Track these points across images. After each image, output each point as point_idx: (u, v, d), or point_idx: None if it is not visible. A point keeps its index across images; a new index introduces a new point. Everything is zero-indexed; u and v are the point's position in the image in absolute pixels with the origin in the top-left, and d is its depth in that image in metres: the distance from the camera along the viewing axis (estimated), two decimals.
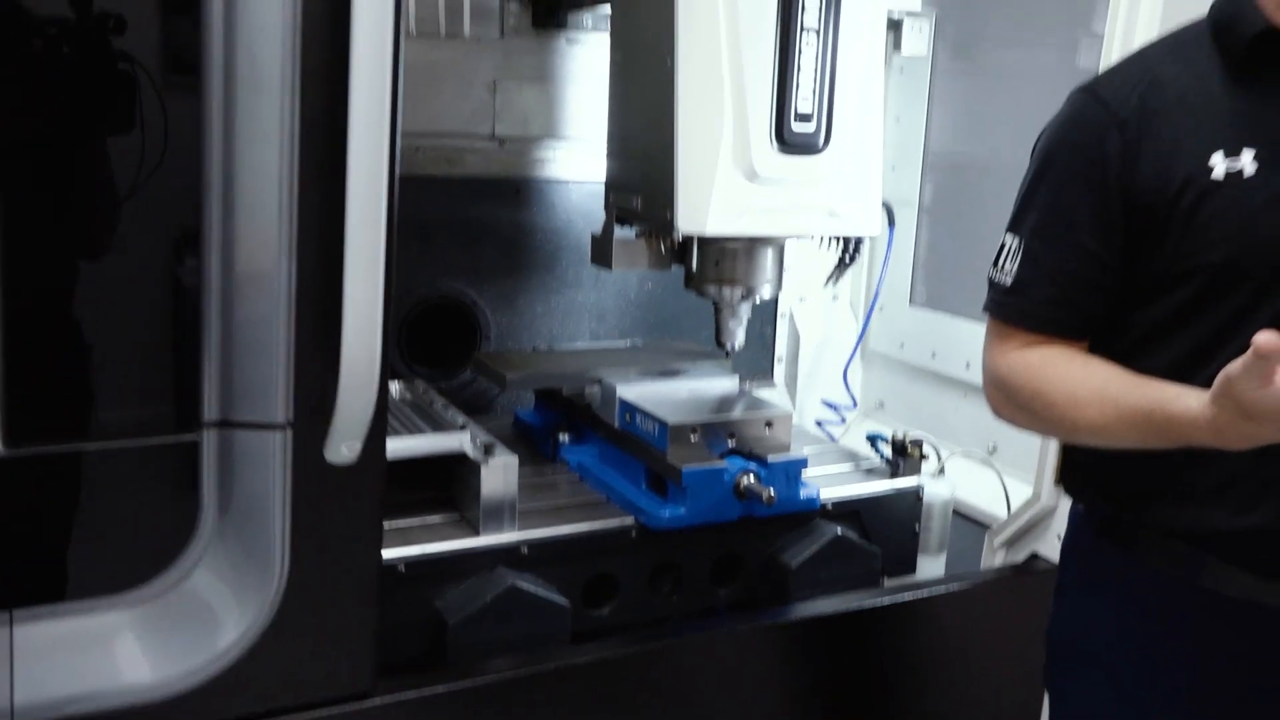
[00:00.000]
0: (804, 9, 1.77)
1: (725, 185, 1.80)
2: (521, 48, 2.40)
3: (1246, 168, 1.24)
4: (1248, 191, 1.24)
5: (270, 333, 1.25)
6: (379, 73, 1.17)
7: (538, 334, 2.58)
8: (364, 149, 1.17)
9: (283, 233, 1.24)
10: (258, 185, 1.24)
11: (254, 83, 1.22)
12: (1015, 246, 1.37)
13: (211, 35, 1.22)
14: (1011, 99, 2.64)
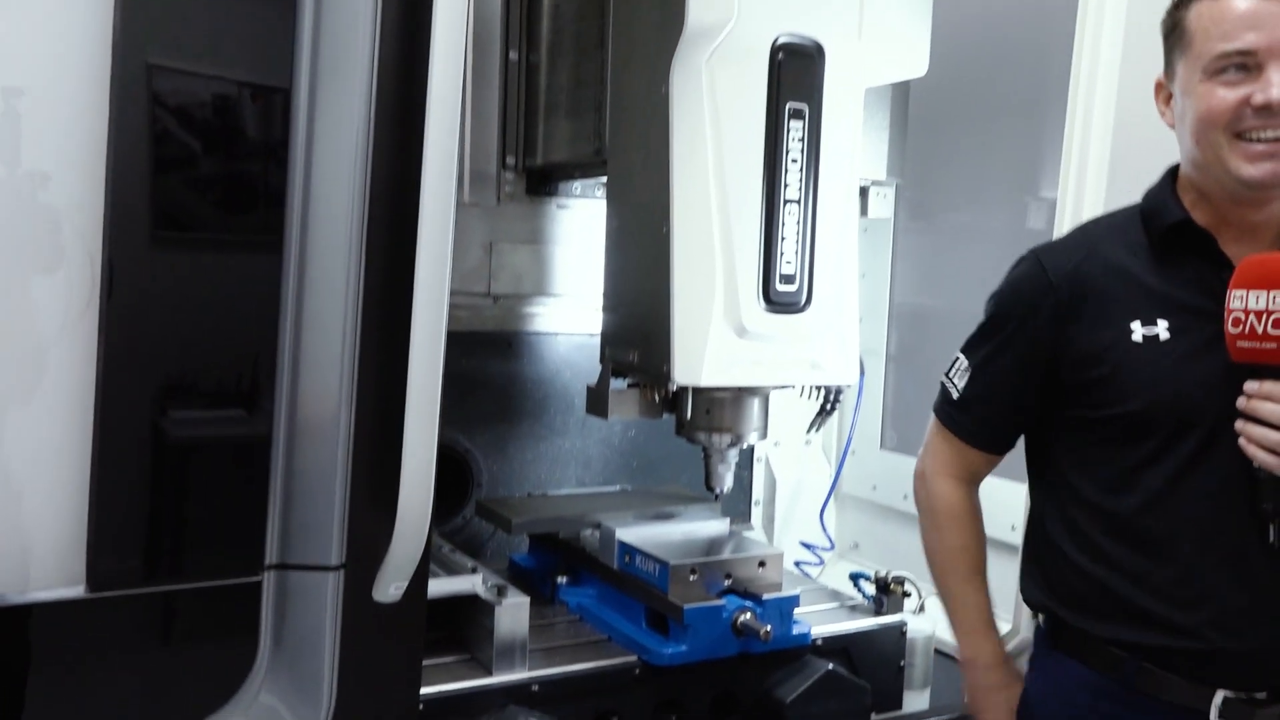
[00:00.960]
0: (786, 183, 1.95)
1: (717, 340, 1.95)
2: (516, 213, 2.57)
3: (1161, 334, 1.43)
4: (1160, 354, 1.43)
5: (329, 480, 1.36)
6: (441, 241, 1.33)
7: (527, 480, 2.67)
8: (426, 314, 1.32)
9: (343, 385, 1.37)
10: (323, 340, 1.38)
11: (326, 247, 1.38)
12: (964, 367, 1.62)
13: (292, 203, 1.38)
14: (967, 256, 2.86)
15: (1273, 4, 1.35)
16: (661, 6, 1.93)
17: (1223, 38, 1.37)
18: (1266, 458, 1.32)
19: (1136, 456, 1.45)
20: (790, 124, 1.95)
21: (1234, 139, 1.37)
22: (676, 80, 1.90)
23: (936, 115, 2.82)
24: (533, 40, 2.47)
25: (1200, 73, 1.39)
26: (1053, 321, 1.50)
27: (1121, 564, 1.46)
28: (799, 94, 1.96)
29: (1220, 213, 1.45)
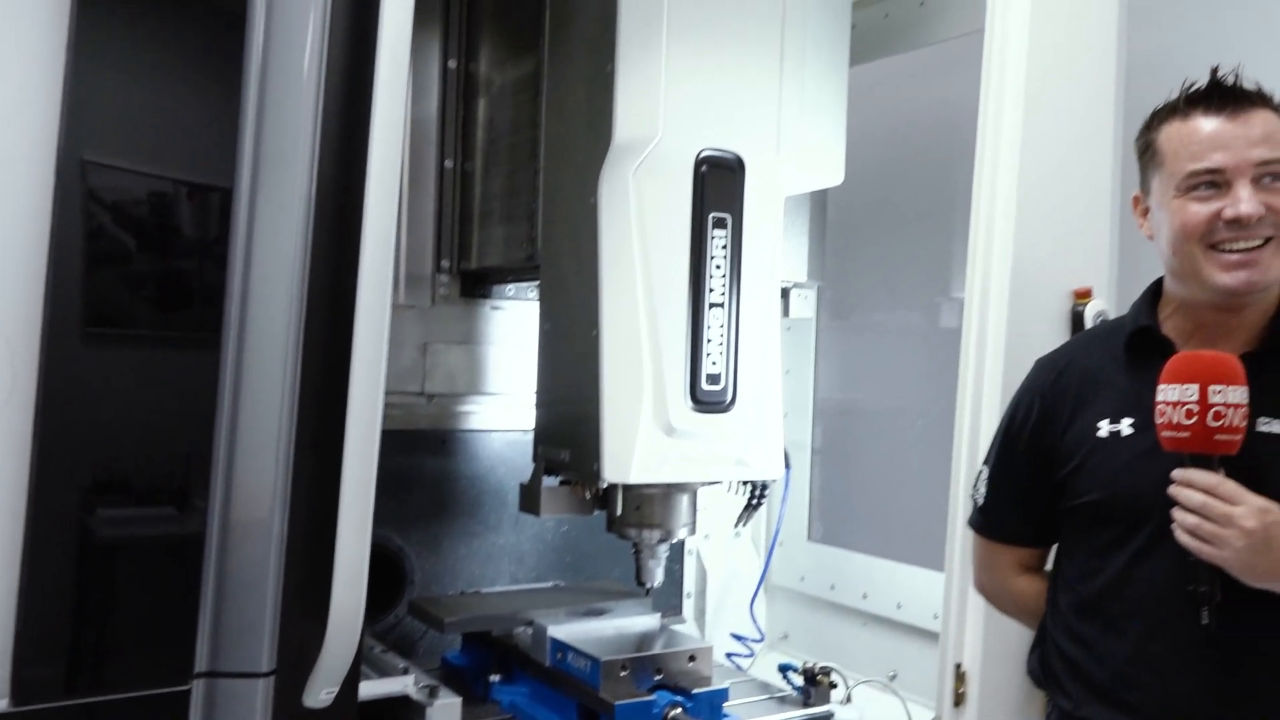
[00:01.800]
0: (710, 287, 2.05)
1: (646, 439, 2.01)
2: (451, 314, 2.64)
3: (1124, 430, 1.54)
4: (1121, 449, 1.53)
5: (261, 582, 1.38)
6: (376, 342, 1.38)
7: (460, 577, 2.68)
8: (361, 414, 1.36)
9: (278, 484, 1.40)
10: (258, 438, 1.41)
11: (263, 345, 1.42)
12: (985, 476, 1.72)
13: (230, 301, 1.43)
14: (885, 353, 2.98)
15: (1235, 126, 1.47)
16: (590, 122, 2.04)
17: (1192, 158, 1.48)
18: (1190, 541, 1.39)
19: (1101, 543, 1.55)
20: (714, 231, 2.06)
21: (1208, 250, 1.47)
22: (605, 191, 2.00)
23: (855, 220, 2.96)
24: (468, 149, 2.56)
25: (1174, 189, 1.50)
26: (1042, 425, 1.63)
27: (1090, 643, 1.55)
28: (721, 203, 2.07)
29: (1197, 318, 1.55)
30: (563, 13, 2.17)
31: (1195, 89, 1.51)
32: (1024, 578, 1.72)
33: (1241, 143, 1.45)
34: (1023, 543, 1.71)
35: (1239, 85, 1.49)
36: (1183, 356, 1.43)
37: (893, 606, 2.66)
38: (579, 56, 2.11)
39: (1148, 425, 1.47)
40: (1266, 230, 1.44)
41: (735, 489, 2.28)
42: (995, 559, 1.74)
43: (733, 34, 2.10)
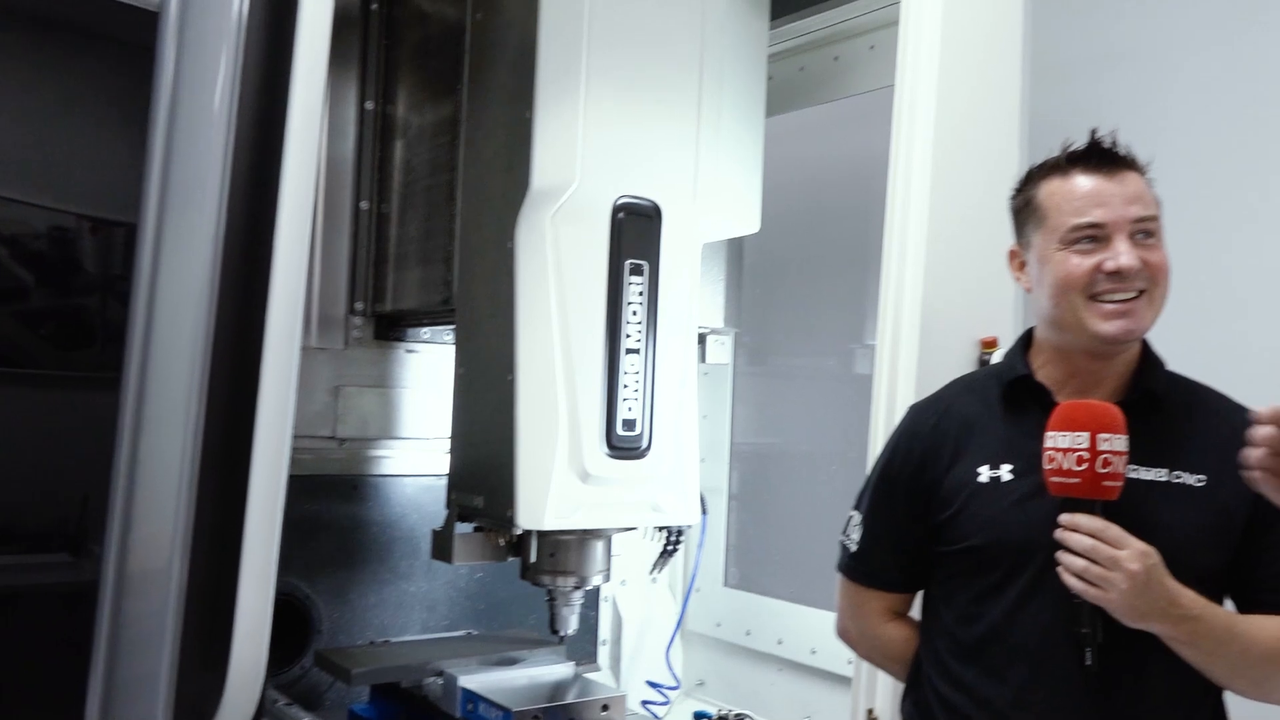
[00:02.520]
0: (627, 334, 2.05)
1: (561, 485, 2.00)
2: (364, 357, 2.60)
3: (1003, 476, 1.57)
4: (1002, 494, 1.57)
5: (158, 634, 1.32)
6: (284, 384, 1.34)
7: (370, 626, 2.62)
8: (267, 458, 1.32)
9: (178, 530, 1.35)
10: (158, 482, 1.36)
11: (167, 386, 1.37)
12: (857, 521, 1.73)
13: (133, 340, 1.38)
14: (801, 398, 3.02)
15: (1113, 185, 1.54)
16: (508, 167, 2.04)
17: (1074, 213, 1.54)
18: (1076, 583, 1.44)
19: (981, 588, 1.57)
20: (630, 278, 2.07)
21: (1089, 301, 1.53)
22: (522, 236, 2.00)
23: (772, 268, 3.00)
24: (384, 191, 2.54)
25: (1056, 243, 1.56)
26: (920, 469, 1.65)
27: (971, 688, 1.57)
28: (638, 250, 2.08)
29: (1071, 366, 1.61)
30: (482, 58, 2.18)
31: (1075, 149, 1.59)
32: (892, 624, 1.74)
33: (1119, 200, 1.53)
34: (895, 588, 1.73)
35: (1115, 147, 1.58)
36: (1071, 405, 1.47)
37: (807, 652, 2.67)
38: (497, 102, 2.11)
39: (1027, 471, 1.52)
40: (1140, 283, 1.52)
41: (651, 535, 2.27)
42: (865, 605, 1.75)
43: (650, 83, 2.12)
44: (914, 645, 1.72)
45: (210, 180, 1.50)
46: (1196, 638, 1.45)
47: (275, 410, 1.35)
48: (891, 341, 2.13)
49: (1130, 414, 1.47)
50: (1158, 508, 1.51)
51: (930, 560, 1.66)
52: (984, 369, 1.81)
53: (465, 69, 2.23)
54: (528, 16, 2.00)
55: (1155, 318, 1.56)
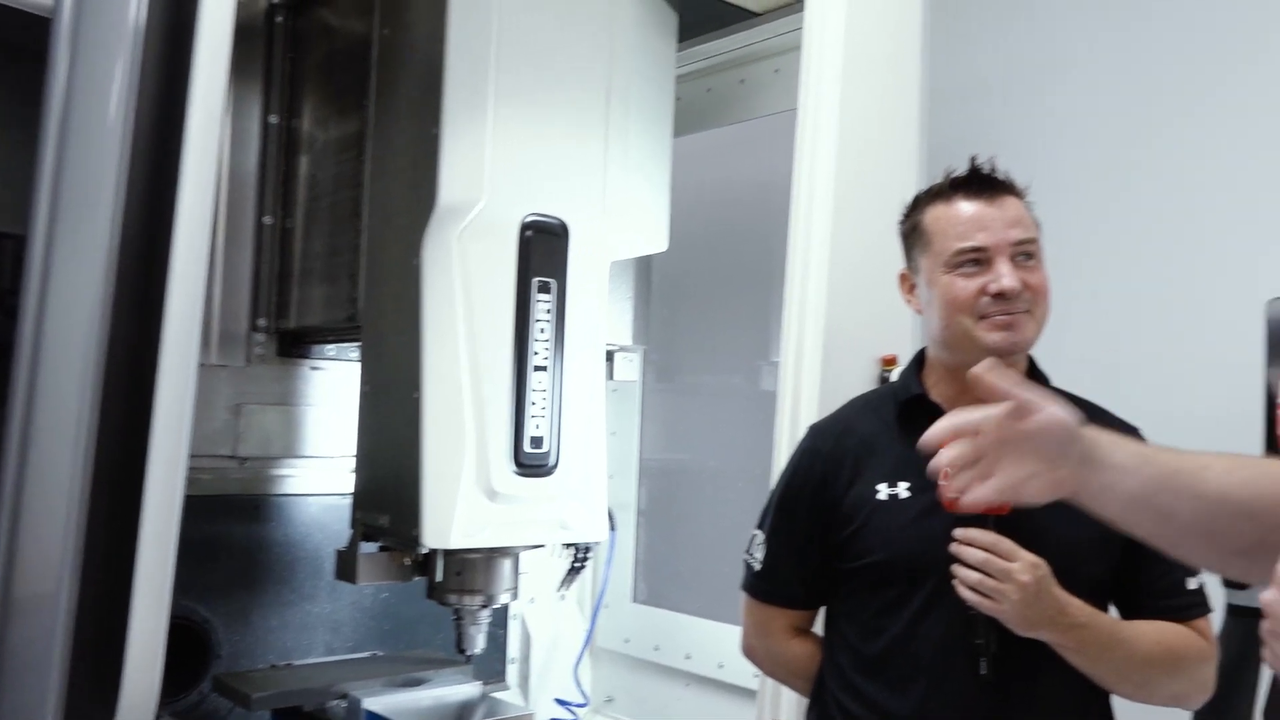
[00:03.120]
0: (535, 351, 2.06)
1: (467, 503, 1.99)
2: (267, 374, 2.55)
3: (901, 493, 1.62)
4: (900, 511, 1.62)
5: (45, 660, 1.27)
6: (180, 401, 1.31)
7: (272, 649, 2.56)
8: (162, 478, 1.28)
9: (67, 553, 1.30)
10: (46, 502, 1.31)
11: (56, 404, 1.33)
12: (760, 539, 1.75)
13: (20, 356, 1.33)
14: (709, 415, 3.05)
15: (993, 209, 1.60)
16: (414, 184, 2.03)
17: (958, 237, 1.60)
18: (971, 596, 1.48)
19: (882, 603, 1.62)
20: (538, 295, 2.07)
21: (977, 320, 1.59)
22: (428, 253, 1.99)
23: (681, 285, 3.03)
24: (289, 206, 2.50)
25: (942, 266, 1.62)
26: (821, 488, 1.69)
27: (873, 701, 1.60)
28: (546, 268, 2.08)
29: (962, 384, 1.63)
30: (388, 74, 2.16)
31: (957, 175, 1.65)
32: (796, 640, 1.77)
33: (1000, 224, 1.59)
34: (798, 605, 1.76)
35: (994, 173, 1.64)
36: None
37: (715, 666, 2.69)
38: (404, 118, 2.10)
39: (923, 488, 1.56)
40: (1023, 304, 1.58)
41: (558, 552, 2.26)
42: (770, 623, 1.78)
43: (559, 102, 2.13)
44: (818, 661, 1.75)
45: (104, 191, 1.46)
46: (1084, 645, 1.51)
47: (170, 428, 1.32)
48: (795, 359, 2.17)
49: None
50: (1047, 520, 1.55)
51: (832, 577, 1.69)
52: (882, 388, 1.86)
53: (372, 84, 2.22)
54: (435, 33, 2.00)
55: (1038, 333, 1.63)
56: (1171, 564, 1.61)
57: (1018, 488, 1.27)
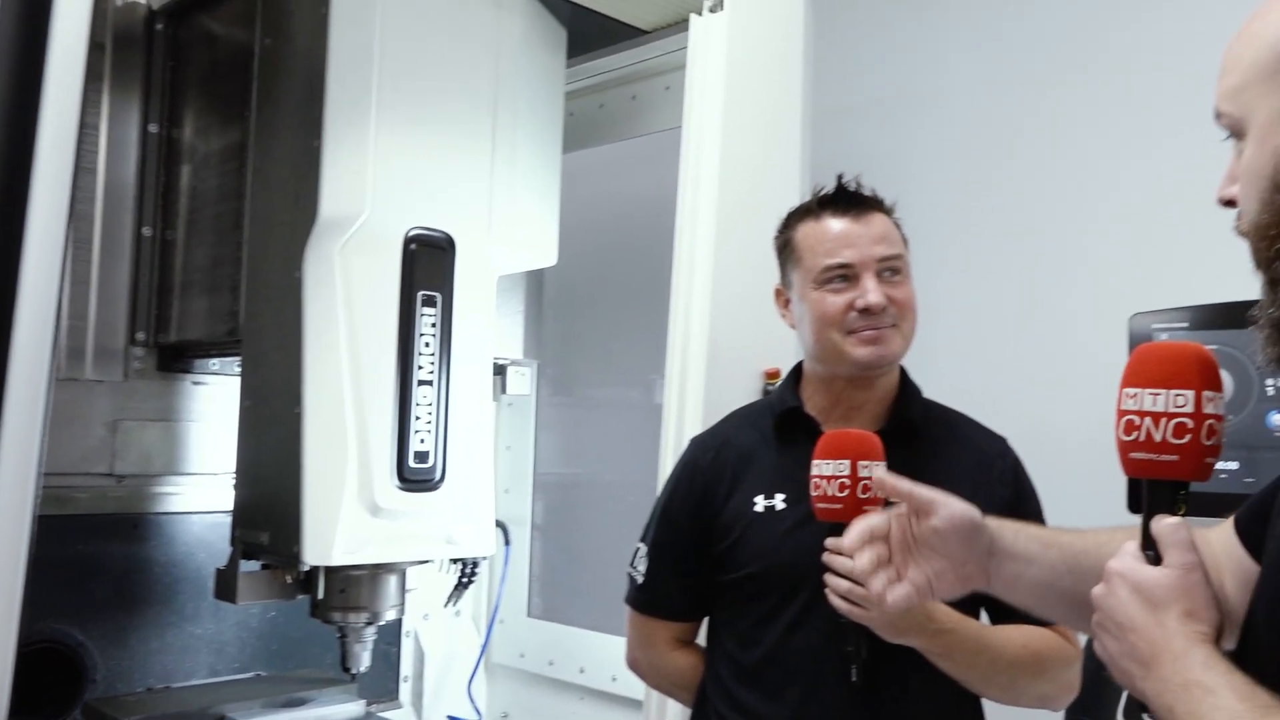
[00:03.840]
0: (419, 365, 2.04)
1: (349, 519, 1.96)
2: (146, 390, 2.48)
3: (778, 505, 1.66)
4: (776, 522, 1.65)
5: None
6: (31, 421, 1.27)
7: (151, 672, 2.49)
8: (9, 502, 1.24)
9: None
10: None
11: None
12: (643, 552, 1.77)
13: None
14: (604, 428, 3.06)
15: (860, 226, 1.66)
16: (296, 196, 2.00)
17: (826, 254, 1.65)
18: (841, 604, 1.51)
19: (760, 613, 1.65)
20: (423, 309, 2.06)
21: (845, 335, 1.64)
22: (310, 266, 1.96)
23: (576, 299, 3.05)
24: (169, 217, 2.45)
25: (811, 282, 1.67)
26: (701, 500, 1.71)
27: (751, 710, 1.63)
28: (431, 282, 2.07)
29: (835, 396, 1.71)
30: (270, 85, 2.13)
31: (825, 193, 1.70)
32: (679, 652, 1.80)
33: (866, 241, 1.64)
34: (680, 618, 1.79)
35: (860, 191, 1.69)
36: (833, 434, 1.56)
37: (608, 679, 2.70)
38: (286, 130, 2.07)
39: (799, 499, 1.59)
40: (889, 319, 1.64)
41: (446, 568, 2.25)
42: (653, 635, 1.80)
43: (444, 116, 2.13)
44: (700, 672, 1.77)
45: None
46: (951, 650, 1.55)
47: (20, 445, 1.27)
48: (680, 373, 2.20)
49: (889, 441, 1.57)
50: None
51: (713, 588, 1.72)
52: (760, 401, 1.90)
53: (254, 95, 2.18)
54: (316, 44, 1.98)
55: (905, 347, 1.68)
56: None
57: (930, 585, 1.32)
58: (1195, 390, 0.98)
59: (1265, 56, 0.90)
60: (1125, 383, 1.01)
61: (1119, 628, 0.96)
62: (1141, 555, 0.98)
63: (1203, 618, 0.91)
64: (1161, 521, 0.97)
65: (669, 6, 2.37)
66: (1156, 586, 0.94)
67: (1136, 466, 1.00)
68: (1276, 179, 0.89)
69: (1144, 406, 0.99)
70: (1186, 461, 0.98)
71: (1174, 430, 0.98)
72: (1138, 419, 0.99)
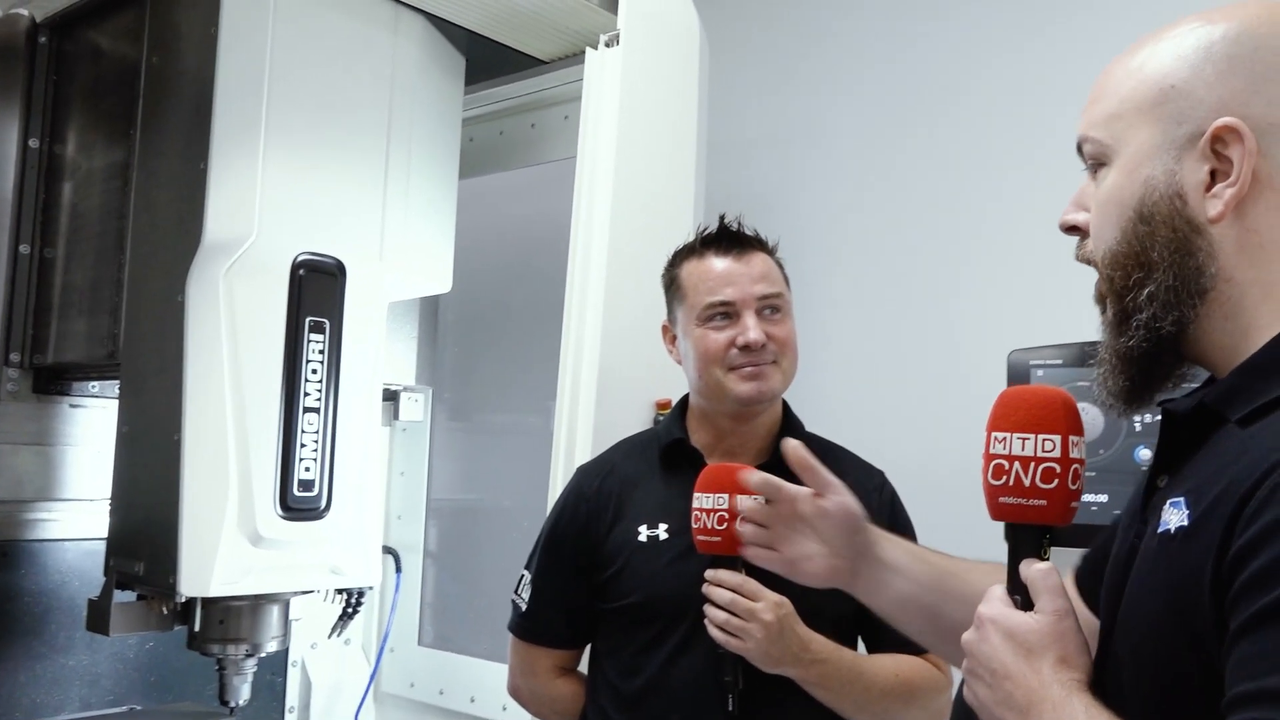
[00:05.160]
0: (306, 392, 2.01)
1: (229, 549, 1.92)
2: (19, 412, 2.39)
3: (661, 535, 1.68)
4: (659, 553, 1.68)
5: None
6: None
7: (19, 706, 2.39)
8: None
9: None
10: None
11: None
12: (527, 580, 1.79)
13: None
14: (501, 454, 3.05)
15: (741, 265, 1.70)
16: (180, 218, 1.96)
17: (708, 292, 1.69)
18: (719, 635, 1.54)
19: (642, 642, 1.67)
20: (311, 336, 2.03)
21: (727, 371, 1.67)
22: (193, 290, 1.93)
23: (473, 325, 3.03)
24: (49, 235, 2.38)
25: (695, 320, 1.71)
26: (585, 529, 1.73)
27: None
28: (320, 308, 2.05)
29: (719, 430, 1.74)
30: (156, 103, 2.09)
31: (708, 233, 1.74)
32: (561, 680, 1.81)
33: (746, 280, 1.69)
34: (563, 645, 1.80)
35: (742, 230, 1.74)
36: (714, 468, 1.59)
37: (499, 709, 2.67)
38: (171, 150, 2.03)
39: (682, 529, 1.62)
40: (769, 356, 1.68)
41: (331, 598, 2.21)
42: (535, 663, 1.81)
43: (337, 140, 2.11)
44: (582, 700, 1.77)
45: None
46: (826, 679, 1.58)
47: None
48: (570, 400, 2.21)
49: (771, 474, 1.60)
50: None
51: (596, 616, 1.73)
52: (647, 431, 1.92)
53: (139, 113, 2.13)
54: (205, 64, 1.95)
55: (786, 383, 1.72)
56: None
57: (798, 564, 1.36)
58: (1062, 435, 0.99)
59: (1146, 90, 0.92)
60: (993, 426, 1.02)
61: (993, 675, 0.94)
62: (1010, 600, 0.98)
63: (1076, 664, 0.91)
64: (1032, 566, 0.97)
65: (566, 39, 2.39)
66: (1030, 633, 0.93)
67: (1005, 511, 1.01)
68: (1142, 210, 0.91)
69: (1012, 450, 1.00)
70: (1054, 506, 0.99)
71: (1042, 475, 0.98)
72: (1006, 463, 1.00)
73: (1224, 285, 0.89)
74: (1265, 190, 0.87)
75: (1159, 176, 0.90)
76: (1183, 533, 0.83)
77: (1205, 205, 0.88)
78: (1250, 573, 0.74)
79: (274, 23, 2.01)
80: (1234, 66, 0.87)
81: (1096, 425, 2.13)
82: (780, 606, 1.54)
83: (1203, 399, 0.90)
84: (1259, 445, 0.81)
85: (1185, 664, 0.82)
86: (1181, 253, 0.89)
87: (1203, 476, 0.85)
